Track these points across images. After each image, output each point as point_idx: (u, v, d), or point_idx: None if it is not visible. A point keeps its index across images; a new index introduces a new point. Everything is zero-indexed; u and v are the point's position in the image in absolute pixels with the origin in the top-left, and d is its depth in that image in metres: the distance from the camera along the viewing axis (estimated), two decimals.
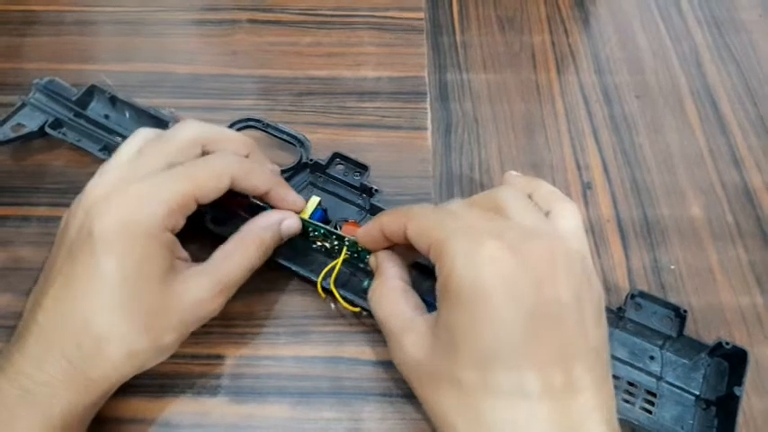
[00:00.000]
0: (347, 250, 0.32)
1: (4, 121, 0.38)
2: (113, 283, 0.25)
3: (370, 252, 0.31)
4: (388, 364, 0.32)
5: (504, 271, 0.23)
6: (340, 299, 0.32)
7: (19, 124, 0.38)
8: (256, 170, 0.30)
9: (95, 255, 0.25)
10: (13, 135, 0.37)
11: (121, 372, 0.27)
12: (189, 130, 0.29)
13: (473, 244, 0.24)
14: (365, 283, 0.32)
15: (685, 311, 0.32)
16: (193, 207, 0.28)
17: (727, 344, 0.30)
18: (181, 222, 0.28)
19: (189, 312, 0.27)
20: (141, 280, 0.26)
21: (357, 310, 0.32)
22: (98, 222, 0.25)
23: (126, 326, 0.26)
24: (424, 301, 0.29)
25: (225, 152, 0.29)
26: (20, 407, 0.24)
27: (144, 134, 0.30)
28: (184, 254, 0.29)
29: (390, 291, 0.28)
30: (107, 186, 0.27)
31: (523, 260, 0.23)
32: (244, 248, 0.29)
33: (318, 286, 0.32)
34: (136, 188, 0.26)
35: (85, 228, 0.26)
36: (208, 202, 0.28)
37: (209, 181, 0.28)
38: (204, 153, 0.29)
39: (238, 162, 0.29)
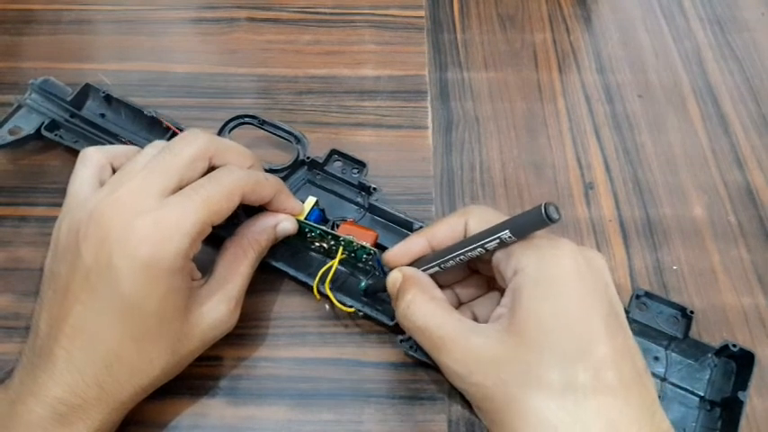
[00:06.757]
0: (344, 250, 0.32)
1: (1, 124, 0.38)
2: (139, 316, 0.26)
3: (366, 251, 0.31)
4: (387, 366, 0.32)
5: (581, 268, 0.25)
6: (334, 299, 0.31)
7: (16, 127, 0.38)
8: (262, 182, 0.30)
9: (119, 289, 0.25)
10: (10, 139, 0.37)
11: (147, 391, 0.28)
12: (196, 144, 0.28)
13: (552, 240, 0.26)
14: (362, 284, 0.32)
15: (692, 312, 0.31)
16: (209, 231, 0.28)
17: (734, 345, 0.30)
18: (199, 248, 0.28)
19: (210, 332, 0.29)
20: (166, 312, 0.27)
21: (352, 310, 0.32)
22: (119, 256, 0.25)
23: (153, 354, 0.27)
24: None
25: (232, 168, 0.29)
26: (55, 430, 0.25)
27: (152, 146, 0.30)
28: (198, 274, 0.30)
29: (433, 300, 0.28)
30: (121, 209, 0.26)
31: (588, 264, 0.25)
32: (244, 256, 0.30)
33: (315, 288, 0.32)
34: (155, 220, 0.26)
35: (104, 257, 0.25)
36: (221, 222, 0.28)
37: (223, 203, 0.28)
38: (210, 165, 0.29)
39: (246, 177, 0.29)
